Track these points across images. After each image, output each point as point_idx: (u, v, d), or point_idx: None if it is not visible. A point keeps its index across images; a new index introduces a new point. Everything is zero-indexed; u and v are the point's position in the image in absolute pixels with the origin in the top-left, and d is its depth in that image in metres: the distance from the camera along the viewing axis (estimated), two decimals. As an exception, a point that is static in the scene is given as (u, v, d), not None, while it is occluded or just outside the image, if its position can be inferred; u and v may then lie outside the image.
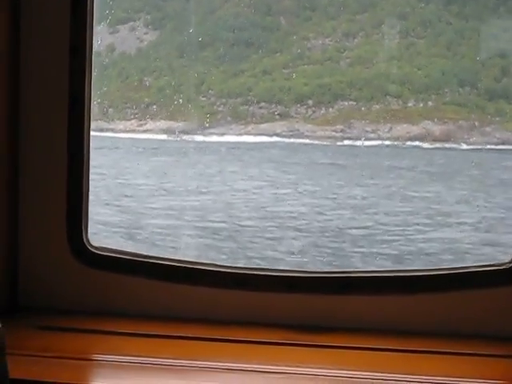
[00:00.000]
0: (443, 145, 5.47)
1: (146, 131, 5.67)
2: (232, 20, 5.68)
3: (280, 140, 5.60)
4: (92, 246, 2.87)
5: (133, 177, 6.06)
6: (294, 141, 5.57)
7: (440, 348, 2.55)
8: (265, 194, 5.91)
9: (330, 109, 5.56)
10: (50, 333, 2.67)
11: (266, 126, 5.61)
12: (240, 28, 5.67)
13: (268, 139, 5.62)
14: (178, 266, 2.85)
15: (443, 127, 5.45)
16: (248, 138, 5.62)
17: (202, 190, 5.76)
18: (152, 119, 5.69)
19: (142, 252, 2.90)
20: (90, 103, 2.82)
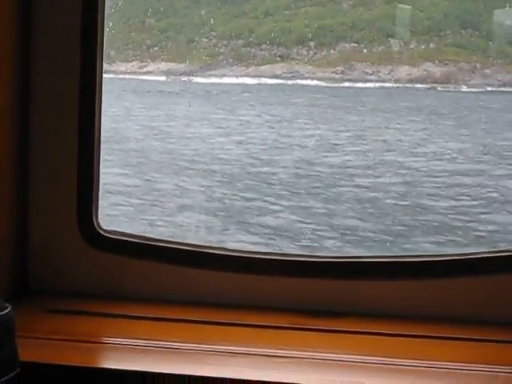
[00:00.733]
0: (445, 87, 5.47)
1: (146, 73, 5.68)
2: (234, -39, 5.66)
3: (282, 82, 5.61)
4: (102, 229, 2.86)
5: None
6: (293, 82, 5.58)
7: (447, 333, 2.55)
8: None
9: (332, 50, 5.55)
10: (59, 316, 2.66)
11: (266, 67, 5.61)
12: (242, -31, 5.65)
13: (268, 81, 5.62)
14: (187, 250, 2.83)
15: (444, 69, 5.44)
16: (247, 80, 5.63)
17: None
18: (153, 61, 5.69)
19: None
20: (101, 88, 2.81)
